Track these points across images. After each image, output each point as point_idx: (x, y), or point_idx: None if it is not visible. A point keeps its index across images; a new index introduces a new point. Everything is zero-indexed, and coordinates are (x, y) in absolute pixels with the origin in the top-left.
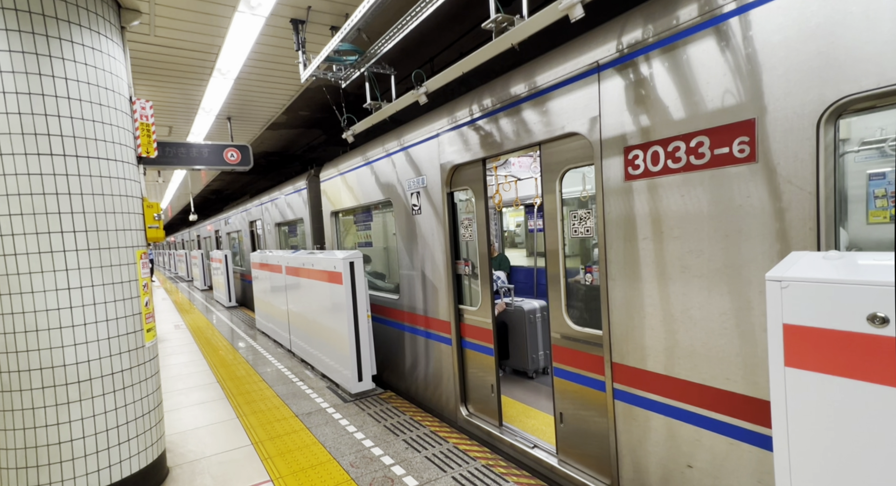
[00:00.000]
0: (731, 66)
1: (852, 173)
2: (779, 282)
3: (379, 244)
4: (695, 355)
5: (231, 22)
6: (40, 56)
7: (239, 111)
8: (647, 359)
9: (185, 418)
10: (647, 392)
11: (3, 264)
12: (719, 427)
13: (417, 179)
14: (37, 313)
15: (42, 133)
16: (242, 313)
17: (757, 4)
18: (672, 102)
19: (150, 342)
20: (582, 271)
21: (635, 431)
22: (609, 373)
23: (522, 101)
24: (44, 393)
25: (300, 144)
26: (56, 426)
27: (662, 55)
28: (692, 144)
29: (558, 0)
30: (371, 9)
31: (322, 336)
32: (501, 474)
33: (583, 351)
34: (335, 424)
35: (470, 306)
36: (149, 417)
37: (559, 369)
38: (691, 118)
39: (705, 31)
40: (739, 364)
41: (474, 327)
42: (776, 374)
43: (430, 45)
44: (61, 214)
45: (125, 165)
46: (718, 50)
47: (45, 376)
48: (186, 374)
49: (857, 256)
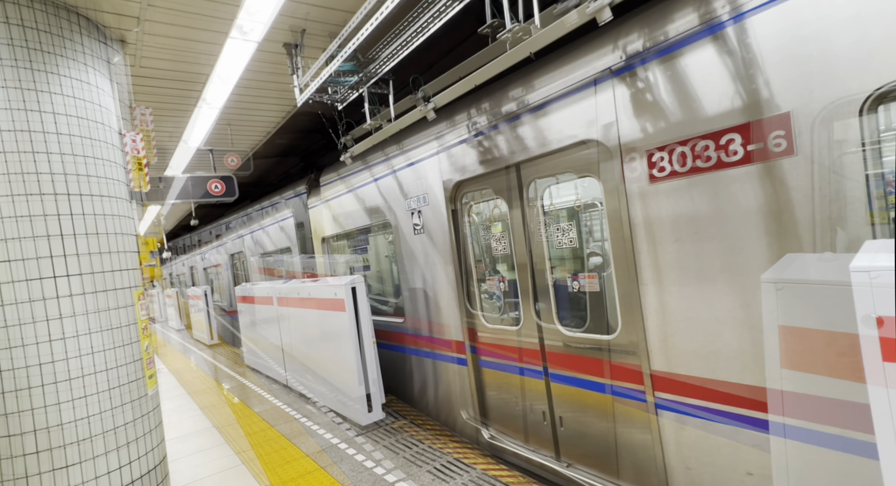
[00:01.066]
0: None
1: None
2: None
3: (382, 266)
4: (744, 355)
5: (222, 49)
6: (25, 90)
7: (221, 142)
8: (691, 364)
9: (184, 469)
10: (691, 398)
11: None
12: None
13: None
14: (28, 367)
15: (30, 172)
16: (227, 350)
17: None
18: (697, 100)
19: (151, 390)
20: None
21: (683, 441)
22: (649, 383)
23: (531, 110)
24: (38, 458)
25: (276, 172)
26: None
27: (671, 58)
28: (722, 142)
29: (586, 3)
30: (370, 31)
31: (324, 368)
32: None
33: (618, 362)
34: (351, 460)
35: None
36: (154, 473)
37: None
38: (720, 116)
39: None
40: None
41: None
42: (772, 375)
43: (428, 52)
44: (53, 258)
45: (118, 201)
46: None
47: (39, 438)
48: (178, 421)
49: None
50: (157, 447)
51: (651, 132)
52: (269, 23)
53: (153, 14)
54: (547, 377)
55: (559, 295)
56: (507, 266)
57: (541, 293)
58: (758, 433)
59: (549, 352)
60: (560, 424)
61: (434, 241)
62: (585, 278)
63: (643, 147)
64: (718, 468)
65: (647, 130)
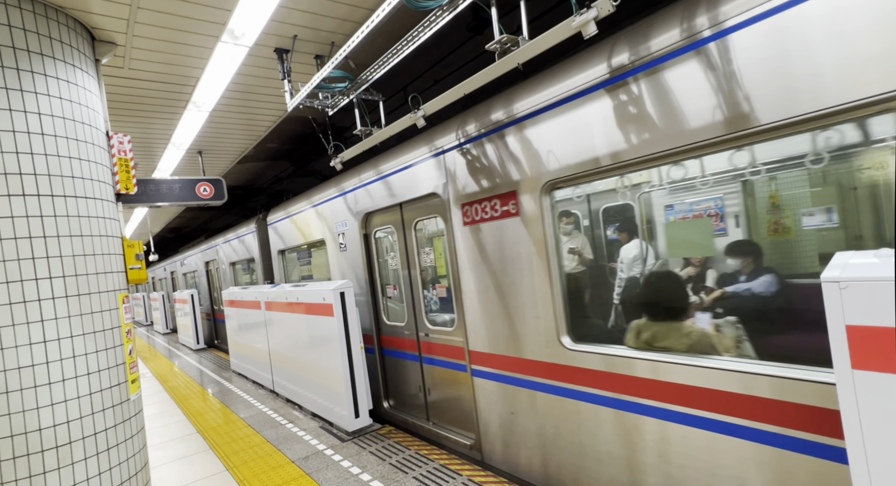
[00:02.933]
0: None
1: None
2: (837, 283)
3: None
4: (510, 338)
5: (213, 53)
6: (10, 90)
7: (211, 145)
8: (486, 344)
9: (166, 476)
10: (487, 367)
11: None
12: (529, 384)
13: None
14: (7, 371)
15: (13, 172)
16: (213, 354)
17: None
18: (487, 174)
19: (134, 395)
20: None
21: (487, 397)
22: (468, 358)
23: (391, 173)
24: (15, 464)
25: (267, 176)
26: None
27: (476, 145)
28: (498, 202)
29: (571, 18)
30: (362, 39)
31: (311, 373)
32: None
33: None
34: (337, 466)
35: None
36: (135, 479)
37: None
38: (497, 186)
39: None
40: (529, 342)
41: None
42: (844, 378)
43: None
44: (35, 259)
45: (104, 202)
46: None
47: (16, 444)
48: (161, 426)
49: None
50: (138, 453)
51: (463, 192)
52: (261, 28)
53: (143, 16)
54: (421, 361)
55: (427, 300)
56: (398, 278)
57: (416, 299)
58: (514, 387)
59: (422, 342)
60: (429, 393)
61: (353, 257)
62: (439, 287)
63: (460, 201)
64: (499, 409)
65: (463, 190)
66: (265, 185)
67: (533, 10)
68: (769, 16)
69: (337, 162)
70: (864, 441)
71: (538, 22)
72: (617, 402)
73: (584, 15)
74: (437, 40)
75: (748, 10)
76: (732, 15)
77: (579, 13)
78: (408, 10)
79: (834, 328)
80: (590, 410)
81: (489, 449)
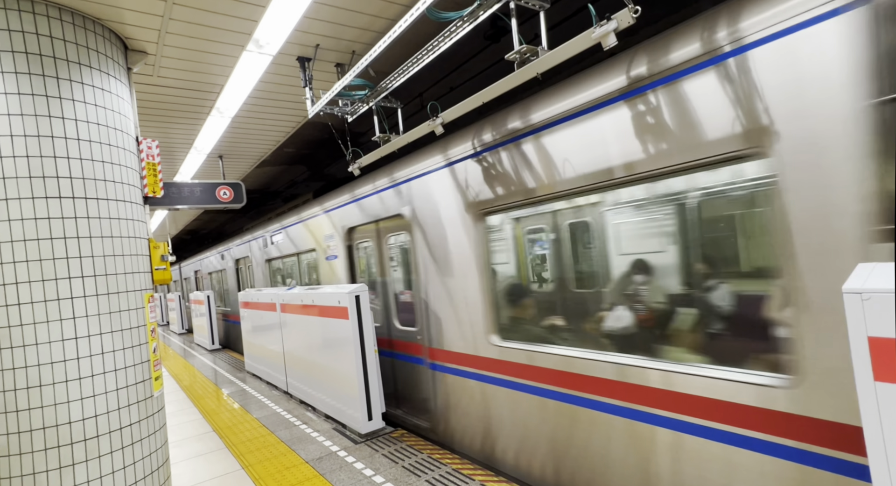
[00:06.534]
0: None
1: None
2: (859, 294)
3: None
4: (458, 337)
5: (237, 61)
6: (50, 98)
7: (231, 149)
8: (441, 342)
9: (184, 473)
10: (442, 362)
11: (4, 315)
12: (462, 373)
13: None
14: (41, 366)
15: (50, 176)
16: (228, 355)
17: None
18: (440, 200)
19: (157, 392)
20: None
21: (441, 387)
22: (427, 354)
23: (381, 191)
24: (46, 456)
25: (282, 180)
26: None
27: (429, 176)
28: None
29: (591, 29)
30: (383, 48)
31: (325, 375)
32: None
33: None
34: (350, 468)
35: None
36: (157, 474)
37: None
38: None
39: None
40: (470, 339)
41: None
42: (866, 390)
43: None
44: (69, 259)
45: (132, 205)
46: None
47: (48, 436)
48: (177, 424)
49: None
50: (160, 449)
51: (423, 213)
52: (285, 37)
53: (174, 27)
54: (393, 357)
55: (398, 303)
56: (376, 285)
57: (389, 303)
58: (464, 378)
59: (394, 340)
60: (397, 386)
61: (338, 265)
62: (406, 293)
63: (421, 221)
64: (457, 397)
65: (422, 212)
66: (281, 188)
67: (551, 18)
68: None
69: (355, 168)
70: (887, 456)
71: (555, 30)
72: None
73: (604, 26)
74: (455, 48)
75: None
76: (679, 61)
77: (599, 24)
78: (427, 20)
79: (856, 340)
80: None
81: (441, 429)
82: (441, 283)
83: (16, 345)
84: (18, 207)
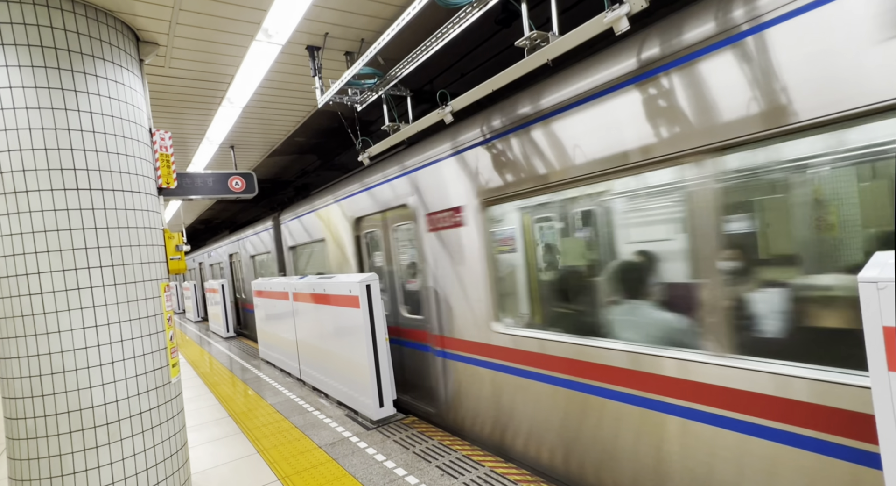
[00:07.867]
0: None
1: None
2: (875, 283)
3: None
4: (469, 324)
5: (247, 51)
6: (66, 91)
7: (243, 140)
8: (452, 330)
9: (202, 456)
10: (450, 350)
11: (28, 304)
12: (472, 361)
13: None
14: (63, 353)
15: (67, 168)
16: (242, 343)
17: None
18: (441, 190)
19: (175, 378)
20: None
21: (450, 374)
22: (434, 341)
23: (387, 181)
24: (71, 438)
25: (293, 169)
26: (84, 472)
27: (430, 167)
28: (450, 214)
29: (602, 13)
30: (391, 36)
31: (337, 363)
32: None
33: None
34: (362, 453)
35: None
36: (176, 458)
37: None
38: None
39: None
40: (475, 326)
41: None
42: (879, 380)
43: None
44: (87, 250)
45: (147, 196)
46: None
47: (72, 419)
48: (195, 409)
49: None
50: (178, 433)
51: (426, 204)
52: (294, 26)
53: (184, 18)
54: (400, 344)
55: (405, 291)
56: (384, 273)
57: (397, 290)
58: (475, 367)
59: (401, 328)
60: (405, 371)
61: (347, 253)
62: (412, 282)
63: (424, 212)
64: (463, 384)
65: (425, 203)
66: (292, 178)
67: (563, 1)
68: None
69: (365, 157)
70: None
71: (566, 14)
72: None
73: (616, 10)
74: (465, 34)
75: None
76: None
77: (611, 9)
78: (437, 7)
79: (870, 329)
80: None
81: (447, 415)
82: (448, 273)
83: (40, 333)
84: (38, 199)
